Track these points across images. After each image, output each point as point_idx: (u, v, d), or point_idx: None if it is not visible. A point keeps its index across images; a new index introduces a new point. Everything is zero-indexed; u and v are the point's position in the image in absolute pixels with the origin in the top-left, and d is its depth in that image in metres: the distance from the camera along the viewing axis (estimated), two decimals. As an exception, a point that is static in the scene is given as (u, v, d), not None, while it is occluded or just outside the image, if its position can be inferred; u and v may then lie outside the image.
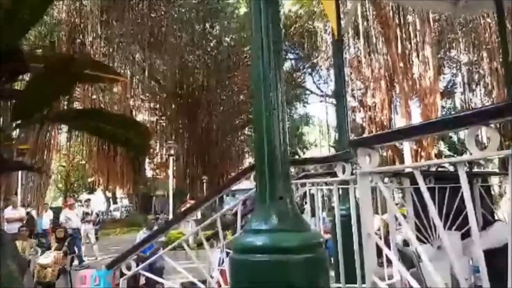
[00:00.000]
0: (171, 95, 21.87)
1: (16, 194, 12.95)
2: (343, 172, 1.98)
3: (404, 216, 4.82)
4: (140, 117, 25.05)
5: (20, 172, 14.15)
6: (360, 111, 20.87)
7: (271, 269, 1.31)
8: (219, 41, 21.24)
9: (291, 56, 24.21)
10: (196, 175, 21.75)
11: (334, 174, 2.45)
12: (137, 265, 2.67)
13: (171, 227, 2.75)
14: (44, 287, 7.20)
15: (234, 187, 2.93)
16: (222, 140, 23.64)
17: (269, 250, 1.33)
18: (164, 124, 24.25)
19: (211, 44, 21.28)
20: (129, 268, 2.40)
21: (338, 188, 2.79)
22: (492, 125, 1.05)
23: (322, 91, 26.22)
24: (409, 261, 1.99)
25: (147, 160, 26.15)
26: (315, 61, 21.80)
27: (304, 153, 30.57)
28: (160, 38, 19.41)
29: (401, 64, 17.01)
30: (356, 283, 2.65)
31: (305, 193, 3.37)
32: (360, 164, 1.45)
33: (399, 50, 16.93)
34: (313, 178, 2.76)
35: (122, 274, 2.62)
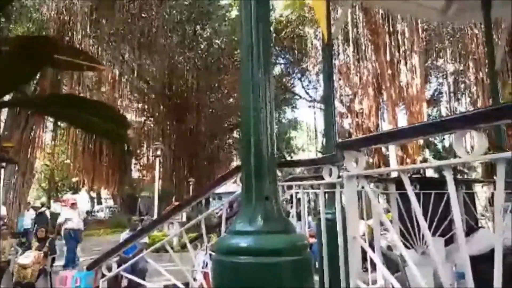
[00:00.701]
0: (160, 96, 21.73)
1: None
2: (330, 175, 1.97)
3: (390, 221, 4.85)
4: (128, 117, 24.81)
5: (2, 171, 13.86)
6: (347, 117, 21.03)
7: (256, 272, 1.29)
8: (209, 43, 21.21)
9: (281, 60, 24.31)
10: (183, 177, 21.60)
11: (320, 178, 2.45)
12: (119, 267, 2.62)
13: (155, 228, 2.70)
14: (23, 287, 7.04)
15: (220, 190, 2.90)
16: (210, 143, 23.56)
17: (254, 252, 1.30)
18: (151, 125, 24.07)
19: (202, 46, 21.22)
20: (110, 269, 2.34)
21: (325, 192, 2.79)
22: (479, 129, 1.05)
23: (310, 96, 26.38)
24: (394, 265, 1.99)
25: (133, 161, 25.89)
26: (304, 66, 21.92)
27: (291, 157, 30.66)
28: (150, 39, 19.27)
29: (389, 72, 17.23)
30: (340, 288, 2.64)
31: (291, 196, 3.36)
32: (347, 167, 1.44)
33: (388, 58, 17.14)
34: (300, 181, 2.75)
35: (103, 276, 2.57)
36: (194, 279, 3.26)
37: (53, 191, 32.18)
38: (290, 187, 3.09)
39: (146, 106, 23.72)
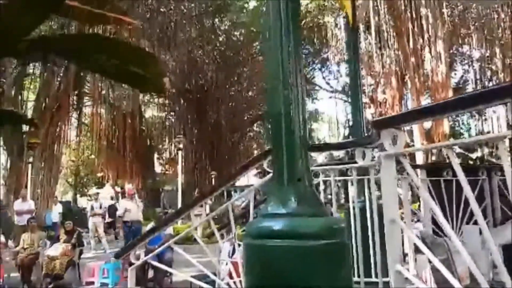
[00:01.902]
0: (180, 90, 21.84)
1: (26, 187, 13.02)
2: (363, 158, 1.88)
3: (414, 213, 4.67)
4: (149, 112, 25.13)
5: (30, 166, 14.24)
6: (370, 107, 20.64)
7: (289, 256, 1.22)
8: (228, 36, 21.14)
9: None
10: (205, 170, 21.73)
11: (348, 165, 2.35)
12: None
13: (179, 217, 2.67)
14: (52, 279, 7.21)
15: (242, 183, 2.85)
16: (230, 136, 23.57)
17: (286, 235, 1.24)
18: (173, 120, 24.26)
19: (220, 39, 21.18)
20: (137, 258, 2.33)
21: (353, 180, 2.69)
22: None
23: (331, 87, 26.03)
24: (440, 250, 1.88)
25: (156, 156, 26.23)
26: (325, 56, 21.61)
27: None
28: (169, 34, 19.36)
29: (413, 59, 16.77)
30: (372, 277, 2.55)
31: (317, 184, 3.27)
32: (385, 146, 1.35)
33: (411, 45, 16.68)
34: (330, 166, 2.66)
35: (131, 264, 2.56)
36: (222, 270, 3.24)
37: (79, 186, 32.95)
38: (317, 175, 3.01)
39: (167, 101, 23.91)
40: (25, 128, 16.81)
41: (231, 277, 2.70)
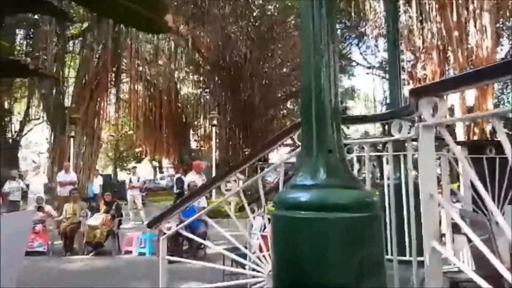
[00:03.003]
0: (214, 67, 21.85)
1: (68, 160, 13.64)
2: (399, 130, 1.78)
3: (453, 193, 4.48)
4: (185, 89, 25.41)
5: (72, 140, 14.89)
6: (409, 84, 19.85)
7: (318, 228, 1.18)
8: (262, 10, 20.76)
9: (336, 25, 23.25)
10: (239, 147, 21.89)
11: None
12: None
13: (212, 187, 2.67)
14: (93, 247, 7.60)
15: (274, 160, 2.81)
16: (264, 113, 23.49)
17: (316, 206, 1.19)
18: (207, 97, 24.42)
19: (254, 14, 20.84)
20: (168, 228, 2.37)
21: (389, 156, 2.58)
22: None
23: (369, 63, 25.16)
24: (480, 229, 1.78)
25: (191, 132, 26.66)
26: (362, 30, 20.82)
27: (348, 128, 29.79)
28: (203, 10, 19.26)
29: (456, 33, 15.82)
30: (406, 256, 2.48)
31: (351, 162, 3.18)
32: (424, 116, 1.26)
33: (454, 18, 15.71)
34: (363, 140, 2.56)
35: (163, 234, 2.62)
36: (248, 245, 3.26)
37: (119, 160, 34.23)
38: (349, 151, 2.92)
39: (201, 78, 24.05)
40: (67, 103, 17.55)
41: (261, 250, 2.71)
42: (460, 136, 15.12)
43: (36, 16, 16.75)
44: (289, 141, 2.35)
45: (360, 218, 1.16)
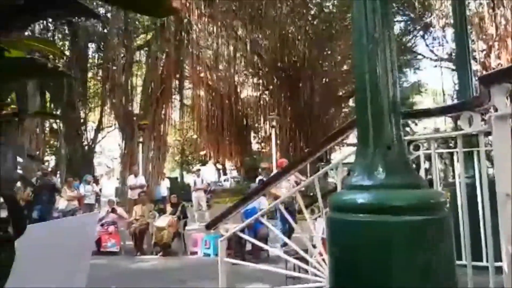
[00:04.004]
0: (273, 68, 21.91)
1: (137, 164, 14.43)
2: (470, 124, 1.60)
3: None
4: (245, 92, 25.79)
5: (140, 145, 15.76)
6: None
7: (375, 232, 1.09)
8: (319, 8, 20.43)
9: (399, 18, 22.14)
10: (299, 148, 21.70)
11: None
12: (241, 231, 2.65)
13: (270, 186, 2.63)
14: (161, 247, 7.92)
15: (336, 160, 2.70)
16: (324, 113, 23.07)
17: (374, 209, 1.10)
18: (267, 98, 24.55)
19: (312, 13, 20.56)
20: (226, 230, 2.38)
21: (459, 152, 2.36)
22: None
23: (436, 55, 23.62)
24: None
25: (252, 134, 26.96)
26: (428, 21, 19.63)
27: (416, 124, 28.23)
28: (261, 12, 19.41)
29: (534, 17, 14.33)
30: (482, 261, 2.26)
31: (416, 161, 2.97)
32: (497, 105, 1.11)
33: (533, 0, 14.24)
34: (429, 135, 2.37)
35: (221, 236, 2.63)
36: (314, 246, 3.17)
37: (184, 163, 35.62)
38: (415, 147, 2.72)
39: (260, 80, 24.23)
40: (136, 111, 18.65)
41: (322, 254, 2.62)
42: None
43: (105, 30, 18.04)
44: (354, 140, 2.23)
45: (424, 220, 1.05)
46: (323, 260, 2.31)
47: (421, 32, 22.87)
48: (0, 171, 0.51)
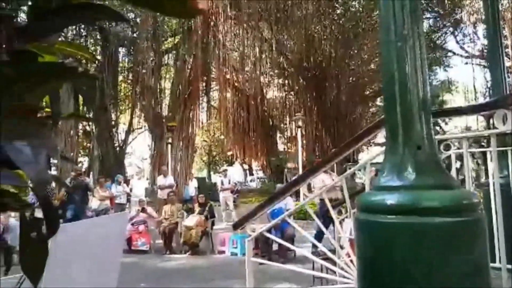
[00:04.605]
0: (298, 69, 21.81)
1: (167, 165, 14.69)
2: (504, 122, 1.53)
3: None
4: (270, 93, 25.80)
5: (169, 146, 16.04)
6: (515, 72, 17.55)
7: (405, 234, 1.06)
8: (346, 8, 20.17)
9: (428, 15, 21.56)
10: (326, 148, 21.50)
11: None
12: (267, 231, 2.65)
13: (295, 187, 2.61)
14: (189, 246, 8.04)
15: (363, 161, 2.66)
16: (351, 113, 22.76)
17: (403, 210, 1.07)
18: (293, 99, 24.47)
19: (338, 12, 20.34)
20: (252, 230, 2.38)
21: (493, 151, 2.27)
22: None
23: (467, 52, 22.83)
24: None
25: (278, 134, 26.95)
26: (458, 17, 19.01)
27: (446, 124, 27.41)
28: (286, 13, 19.37)
29: None
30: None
31: (447, 161, 2.89)
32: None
33: None
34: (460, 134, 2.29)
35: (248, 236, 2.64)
36: (341, 247, 3.13)
37: (212, 164, 36.02)
38: (446, 147, 2.64)
39: (286, 81, 24.17)
40: (165, 112, 19.04)
41: (350, 255, 2.59)
42: None
43: (134, 35, 18.49)
44: (382, 140, 2.19)
45: (456, 222, 1.02)
46: (351, 261, 2.28)
47: (451, 29, 22.20)
48: (35, 172, 0.53)
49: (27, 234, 0.72)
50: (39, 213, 0.75)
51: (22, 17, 0.83)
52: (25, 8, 0.76)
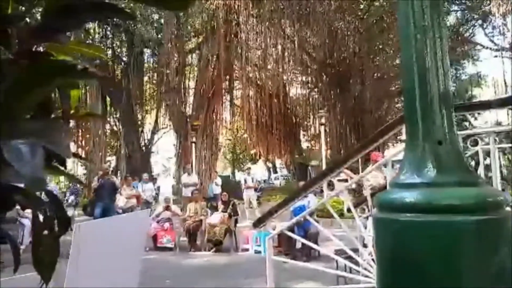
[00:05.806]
0: (322, 66, 21.59)
1: (191, 163, 14.87)
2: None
3: None
4: (293, 91, 25.66)
5: (193, 145, 16.23)
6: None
7: (425, 233, 1.02)
8: (369, 2, 19.80)
9: (455, 7, 20.86)
10: (350, 145, 21.21)
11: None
12: (289, 228, 2.64)
13: (315, 185, 2.59)
14: (213, 243, 8.10)
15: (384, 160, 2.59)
16: (376, 109, 22.35)
17: (424, 208, 1.03)
18: (316, 96, 24.26)
19: (361, 7, 19.99)
20: (273, 228, 2.37)
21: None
22: None
23: (496, 44, 21.94)
24: None
25: (301, 132, 26.80)
26: (486, 9, 18.31)
27: (476, 119, 26.45)
28: (308, 9, 19.19)
29: None
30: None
31: (475, 157, 2.78)
32: None
33: None
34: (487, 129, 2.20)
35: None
36: (365, 246, 3.07)
37: (236, 162, 36.22)
38: (474, 143, 2.54)
39: (309, 78, 23.98)
40: (189, 112, 19.26)
41: (371, 255, 2.54)
42: None
43: (159, 36, 18.77)
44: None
45: (480, 221, 0.97)
46: (373, 260, 2.23)
47: (479, 21, 21.40)
48: (28, 170, 0.53)
49: (40, 232, 0.73)
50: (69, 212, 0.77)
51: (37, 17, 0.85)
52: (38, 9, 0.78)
